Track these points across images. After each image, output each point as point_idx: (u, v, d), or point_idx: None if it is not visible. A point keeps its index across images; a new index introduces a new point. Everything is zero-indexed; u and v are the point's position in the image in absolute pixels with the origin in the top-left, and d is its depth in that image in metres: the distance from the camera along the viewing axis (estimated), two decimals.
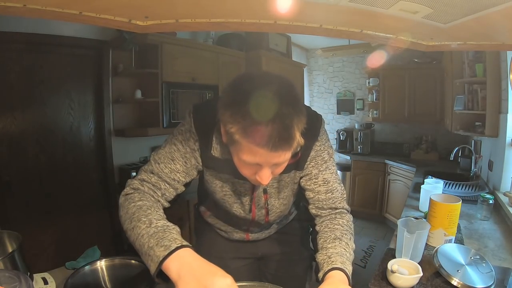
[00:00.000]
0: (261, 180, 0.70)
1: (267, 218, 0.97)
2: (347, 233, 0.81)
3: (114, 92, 2.57)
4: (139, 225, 0.69)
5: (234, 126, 0.63)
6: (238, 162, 0.72)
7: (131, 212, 0.73)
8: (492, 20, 0.70)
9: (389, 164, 3.86)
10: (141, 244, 0.67)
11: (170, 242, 0.64)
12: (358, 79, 4.66)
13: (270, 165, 0.69)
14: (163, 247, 0.63)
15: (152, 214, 0.72)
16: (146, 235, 0.67)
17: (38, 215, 2.23)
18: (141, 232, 0.68)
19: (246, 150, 0.65)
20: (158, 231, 0.67)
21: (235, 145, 0.68)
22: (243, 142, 0.64)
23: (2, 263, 0.80)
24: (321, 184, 0.87)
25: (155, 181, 0.81)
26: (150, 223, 0.69)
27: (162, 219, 0.72)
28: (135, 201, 0.76)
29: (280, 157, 0.66)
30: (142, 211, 0.73)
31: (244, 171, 0.73)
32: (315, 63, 5.08)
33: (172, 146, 0.84)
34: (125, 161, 2.69)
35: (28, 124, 2.18)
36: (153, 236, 0.66)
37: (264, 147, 0.62)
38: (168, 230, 0.68)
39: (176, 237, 0.66)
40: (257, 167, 0.69)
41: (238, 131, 0.63)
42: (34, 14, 0.67)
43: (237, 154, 0.69)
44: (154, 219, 0.70)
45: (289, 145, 0.65)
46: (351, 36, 0.89)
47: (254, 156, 0.65)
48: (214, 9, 0.77)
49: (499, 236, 1.40)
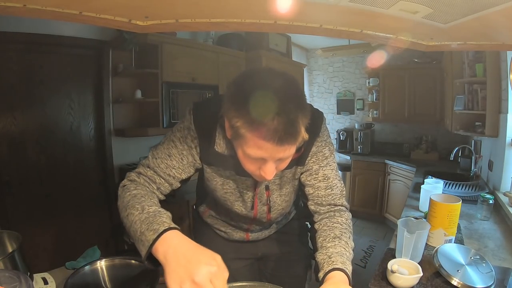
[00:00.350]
0: (265, 175, 0.70)
1: (269, 215, 0.97)
2: (346, 231, 0.81)
3: (114, 92, 2.57)
4: (132, 212, 0.71)
5: (239, 120, 0.63)
6: (242, 157, 0.72)
7: (126, 201, 0.75)
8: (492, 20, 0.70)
9: (389, 164, 3.86)
10: (134, 230, 0.68)
11: (158, 225, 0.65)
12: (358, 79, 4.66)
13: (275, 159, 0.69)
14: (152, 231, 0.64)
15: (146, 201, 0.74)
16: (139, 221, 0.68)
17: (38, 215, 2.23)
18: (134, 219, 0.69)
19: (252, 144, 0.65)
20: (149, 216, 0.68)
21: (240, 140, 0.68)
22: (249, 136, 0.64)
23: (2, 263, 0.80)
24: (321, 179, 0.87)
25: (151, 175, 0.83)
26: (143, 209, 0.70)
27: (154, 205, 0.73)
28: (131, 190, 0.78)
29: (286, 151, 0.67)
30: (136, 199, 0.74)
31: (248, 166, 0.73)
32: (315, 63, 5.08)
33: (170, 143, 0.85)
34: (125, 161, 2.69)
35: (28, 124, 2.18)
36: (144, 222, 0.67)
37: (270, 140, 0.62)
38: (158, 214, 0.69)
39: (165, 220, 0.67)
40: (261, 162, 0.70)
41: (243, 125, 0.63)
42: (34, 14, 0.68)
43: (242, 149, 0.69)
44: (147, 205, 0.72)
45: (295, 139, 0.65)
46: (351, 36, 0.89)
47: (260, 150, 0.65)
48: (214, 9, 0.77)
49: (499, 236, 1.40)
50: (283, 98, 0.62)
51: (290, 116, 0.62)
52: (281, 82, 0.66)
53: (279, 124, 0.61)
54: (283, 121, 0.61)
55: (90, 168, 2.54)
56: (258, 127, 0.62)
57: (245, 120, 0.63)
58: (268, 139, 0.62)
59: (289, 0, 0.68)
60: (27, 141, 2.18)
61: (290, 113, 0.62)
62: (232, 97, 0.66)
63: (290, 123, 0.62)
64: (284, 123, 0.61)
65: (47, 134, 2.27)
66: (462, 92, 2.62)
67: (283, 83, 0.66)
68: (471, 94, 2.47)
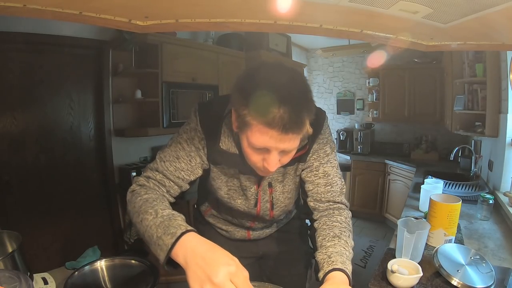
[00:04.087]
0: (269, 166, 0.71)
1: (272, 212, 0.97)
2: (345, 230, 0.81)
3: (114, 92, 2.57)
4: (146, 217, 0.70)
5: (246, 108, 0.65)
6: (246, 148, 0.72)
7: (138, 206, 0.75)
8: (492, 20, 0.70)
9: (389, 164, 3.86)
10: (150, 235, 0.68)
11: (175, 229, 0.65)
12: (358, 79, 4.66)
13: (279, 150, 0.69)
14: (170, 235, 0.64)
15: (158, 205, 0.73)
16: (154, 225, 0.68)
17: (38, 215, 2.23)
18: (149, 224, 0.69)
19: (257, 131, 0.66)
20: (164, 220, 0.68)
21: (245, 129, 0.68)
22: (254, 123, 0.65)
23: (2, 263, 0.80)
24: (321, 176, 0.88)
25: (160, 178, 0.83)
26: (157, 213, 0.70)
27: (167, 208, 0.73)
28: (141, 195, 0.78)
29: (290, 141, 0.67)
30: (148, 203, 0.74)
31: (252, 158, 0.73)
32: (315, 63, 5.08)
33: (177, 145, 0.85)
34: (125, 161, 2.70)
35: (28, 124, 2.18)
36: (160, 226, 0.67)
37: (275, 127, 0.63)
38: (173, 218, 0.69)
39: (181, 223, 0.67)
40: (265, 153, 0.70)
41: (250, 113, 0.65)
42: (34, 14, 0.67)
43: (247, 139, 0.70)
44: (160, 209, 0.71)
45: (300, 129, 0.66)
46: (351, 36, 0.89)
47: (265, 138, 0.66)
48: (214, 9, 0.77)
49: (499, 236, 1.40)
50: (290, 90, 0.64)
51: (296, 106, 0.63)
52: (289, 76, 0.67)
53: (284, 112, 0.62)
54: (288, 110, 0.62)
55: (90, 168, 2.54)
56: (264, 114, 0.63)
57: (251, 108, 0.64)
58: (273, 126, 0.63)
59: (289, 0, 0.68)
60: (27, 141, 2.18)
61: (296, 104, 0.64)
62: (241, 87, 0.68)
63: (295, 112, 0.63)
64: (290, 112, 0.62)
65: (47, 134, 2.27)
66: (462, 92, 2.62)
67: (291, 77, 0.67)
68: (471, 94, 2.47)
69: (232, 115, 0.73)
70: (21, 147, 2.16)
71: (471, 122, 2.56)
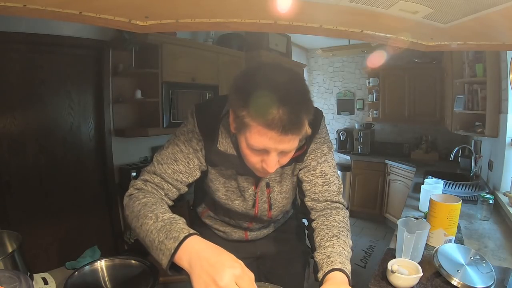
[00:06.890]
0: (267, 167, 0.70)
1: (270, 213, 0.97)
2: (344, 230, 0.81)
3: (114, 92, 2.57)
4: (146, 221, 0.69)
5: (245, 109, 0.64)
6: (245, 149, 0.71)
7: (137, 210, 0.73)
8: (492, 20, 0.70)
9: (389, 164, 3.86)
10: (151, 240, 0.67)
11: (178, 232, 0.64)
12: (358, 79, 4.66)
13: (278, 151, 0.69)
14: (172, 239, 0.63)
15: (158, 209, 0.72)
16: (155, 230, 0.67)
17: (38, 215, 2.23)
18: (150, 228, 0.68)
19: (256, 132, 0.66)
20: (165, 224, 0.67)
21: (244, 130, 0.68)
22: (253, 125, 0.65)
23: (2, 263, 0.80)
24: (318, 176, 0.88)
25: (158, 181, 0.82)
26: (157, 218, 0.69)
27: (167, 212, 0.72)
28: (140, 199, 0.76)
29: (290, 142, 0.67)
30: (147, 207, 0.73)
31: (250, 159, 0.73)
32: (315, 63, 5.08)
33: (174, 147, 0.84)
34: (125, 161, 2.69)
35: (28, 124, 2.17)
36: (161, 230, 0.66)
37: (275, 129, 0.63)
38: (174, 221, 0.68)
39: (183, 227, 0.66)
40: (264, 154, 0.70)
41: (249, 114, 0.64)
42: (34, 14, 0.67)
43: (246, 140, 0.69)
44: (160, 213, 0.70)
45: (299, 130, 0.66)
46: (351, 36, 0.89)
47: (264, 139, 0.65)
48: (214, 9, 0.77)
49: (499, 236, 1.40)
50: (290, 91, 0.64)
51: (295, 107, 0.63)
52: (288, 76, 0.67)
53: (284, 114, 0.62)
54: (287, 111, 0.62)
55: (90, 168, 2.54)
56: (263, 115, 0.62)
57: (250, 109, 0.64)
58: (272, 127, 0.63)
59: (289, 0, 0.68)
60: (27, 141, 2.18)
61: (296, 105, 0.63)
62: (239, 88, 0.67)
63: (295, 113, 0.63)
64: (289, 113, 0.62)
65: (47, 134, 2.27)
66: (462, 92, 2.62)
67: (290, 78, 0.67)
68: (471, 94, 2.47)
69: (230, 116, 0.72)
70: (21, 147, 2.15)
71: (471, 122, 2.56)
